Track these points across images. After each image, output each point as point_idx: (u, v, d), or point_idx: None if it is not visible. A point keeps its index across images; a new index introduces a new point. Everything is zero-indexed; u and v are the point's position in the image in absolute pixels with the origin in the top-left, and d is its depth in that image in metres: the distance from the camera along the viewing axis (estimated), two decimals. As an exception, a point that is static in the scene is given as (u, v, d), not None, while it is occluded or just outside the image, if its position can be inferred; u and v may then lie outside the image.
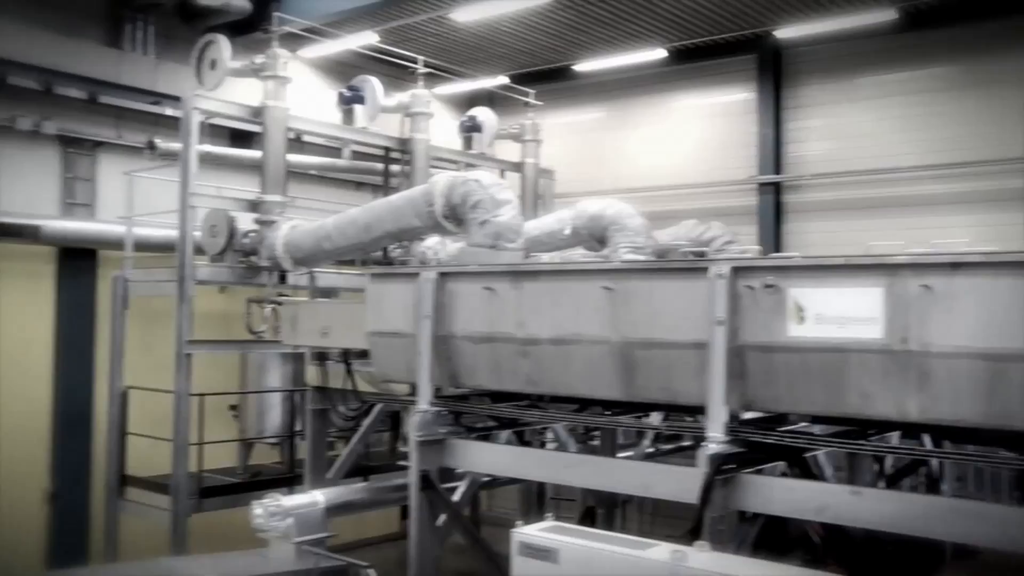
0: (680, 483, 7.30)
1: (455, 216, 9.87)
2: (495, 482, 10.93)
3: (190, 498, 11.82)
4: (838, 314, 6.41)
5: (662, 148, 18.67)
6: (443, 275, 8.87)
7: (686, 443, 13.10)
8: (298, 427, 13.36)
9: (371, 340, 9.55)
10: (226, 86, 12.87)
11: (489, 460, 8.93)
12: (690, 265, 7.40)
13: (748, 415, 7.24)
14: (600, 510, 13.20)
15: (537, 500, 15.74)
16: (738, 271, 6.87)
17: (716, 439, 6.82)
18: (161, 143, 13.56)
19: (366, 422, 11.57)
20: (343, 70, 17.19)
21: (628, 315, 7.50)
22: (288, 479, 12.93)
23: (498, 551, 8.66)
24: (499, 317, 8.43)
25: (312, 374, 11.46)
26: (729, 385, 6.84)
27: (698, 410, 7.44)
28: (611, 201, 12.53)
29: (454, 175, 10.11)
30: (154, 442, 12.54)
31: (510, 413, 8.73)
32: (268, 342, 12.67)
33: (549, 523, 7.39)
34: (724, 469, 6.77)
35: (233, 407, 13.67)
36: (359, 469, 11.39)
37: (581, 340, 7.86)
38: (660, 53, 17.46)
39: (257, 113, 12.59)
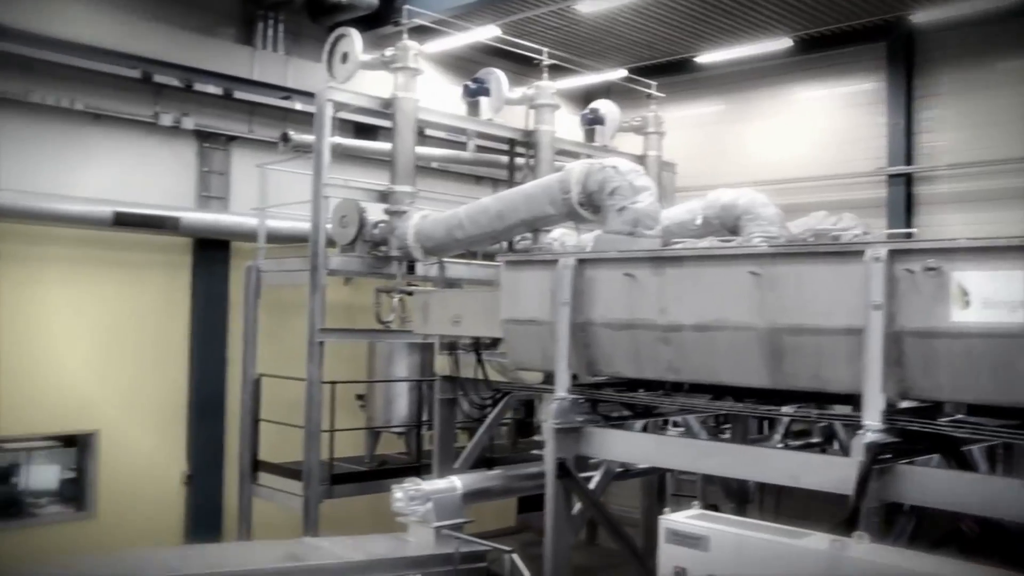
0: (831, 473, 7.11)
1: (591, 203, 9.81)
2: (626, 473, 10.81)
3: (321, 484, 12.00)
4: (1008, 298, 6.14)
5: (784, 141, 18.28)
6: (582, 262, 8.83)
7: (814, 440, 12.80)
8: (425, 417, 13.48)
9: (505, 328, 9.56)
10: (354, 81, 13.05)
11: (627, 448, 8.84)
12: (844, 249, 7.20)
13: (904, 404, 7.00)
14: (728, 506, 12.94)
15: (657, 496, 15.59)
16: (896, 254, 6.66)
17: (872, 427, 6.61)
18: (294, 135, 13.85)
19: (492, 413, 11.63)
20: (462, 65, 17.32)
21: (776, 300, 7.34)
22: (415, 469, 13.04)
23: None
24: (640, 303, 8.34)
25: (441, 363, 11.55)
26: (885, 372, 6.64)
27: (841, 399, 7.24)
28: (743, 190, 12.29)
29: (590, 162, 10.04)
30: (283, 429, 12.84)
31: (650, 400, 8.62)
32: (397, 331, 12.84)
33: (696, 511, 7.29)
34: (880, 459, 6.57)
35: (360, 397, 13.86)
36: (483, 461, 11.41)
37: (726, 326, 7.71)
38: (785, 43, 17.08)
39: (388, 105, 12.73)
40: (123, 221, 13.15)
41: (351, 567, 7.57)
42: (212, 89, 14.38)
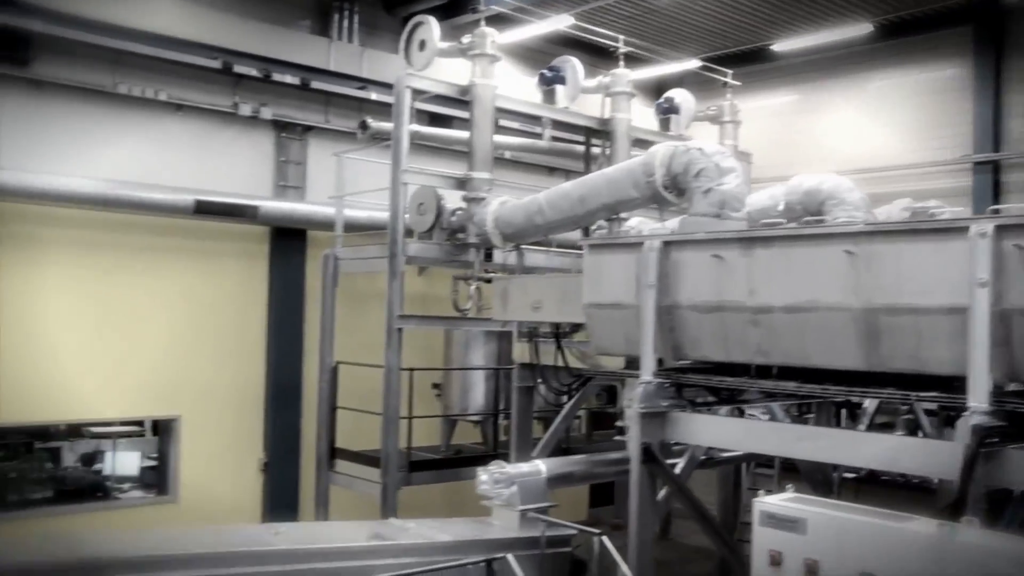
0: (933, 457, 6.91)
1: (676, 186, 9.67)
2: (709, 461, 10.63)
3: (399, 471, 12.01)
4: None
5: (862, 130, 17.91)
6: (667, 244, 8.70)
7: (899, 433, 12.49)
8: (501, 406, 13.43)
9: (588, 312, 9.45)
10: (429, 70, 13.04)
11: (716, 433, 8.68)
12: (947, 225, 6.97)
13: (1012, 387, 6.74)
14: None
15: (733, 490, 15.38)
16: (1003, 229, 6.42)
17: (979, 409, 6.38)
18: (372, 122, 13.90)
19: (568, 404, 11.53)
20: (535, 57, 17.25)
21: (873, 280, 7.13)
22: (491, 458, 12.99)
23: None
24: (728, 285, 8.19)
25: (519, 351, 11.48)
26: (992, 353, 6.40)
27: (936, 385, 6.99)
28: (827, 175, 12.02)
29: (674, 144, 9.90)
30: (358, 418, 12.92)
31: (739, 384, 8.45)
32: (474, 319, 12.81)
33: (791, 494, 7.12)
34: (987, 442, 6.33)
35: (436, 386, 13.86)
36: (560, 451, 11.32)
37: (818, 307, 7.53)
38: (865, 28, 16.72)
39: (465, 92, 12.71)
40: (204, 209, 13.32)
41: (438, 547, 7.53)
42: (290, 79, 14.49)
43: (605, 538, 7.62)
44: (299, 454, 14.59)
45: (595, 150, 15.13)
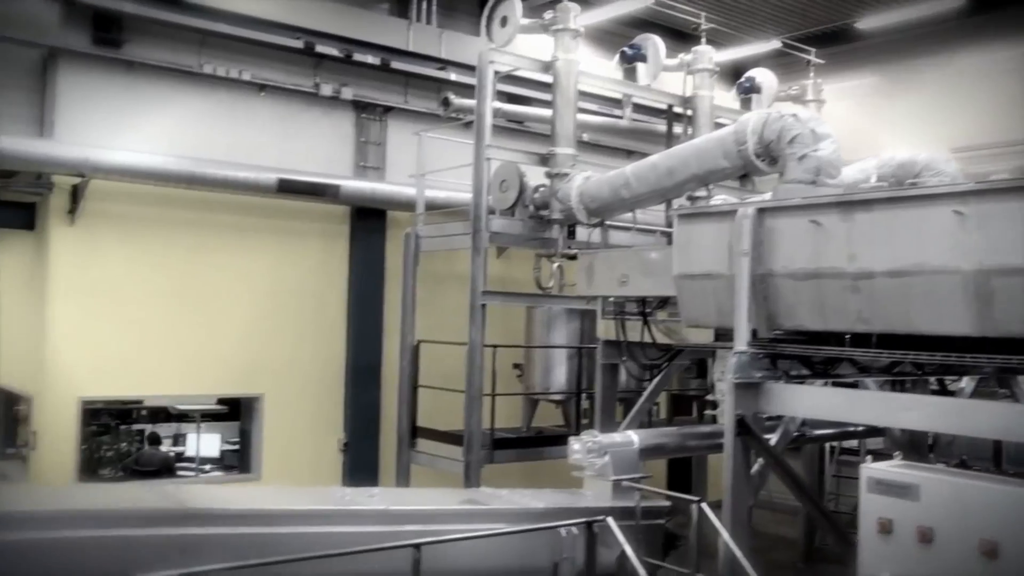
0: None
1: (768, 154, 9.46)
2: (801, 439, 10.37)
3: (482, 449, 11.94)
4: None
5: (948, 109, 17.37)
6: (761, 211, 8.49)
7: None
8: (583, 386, 13.30)
9: (679, 284, 9.29)
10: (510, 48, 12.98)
11: (815, 403, 8.42)
12: (1069, 180, 6.68)
13: None
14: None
15: (817, 477, 15.07)
16: None
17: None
18: (455, 98, 13.86)
19: (655, 380, 11.36)
20: (610, 40, 17.03)
21: (984, 240, 6.86)
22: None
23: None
24: (826, 251, 7.97)
25: (603, 328, 11.34)
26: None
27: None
28: (921, 148, 11.70)
29: (767, 111, 9.69)
30: (436, 398, 12.93)
31: (840, 352, 8.20)
32: (557, 297, 12.70)
33: (898, 461, 6.90)
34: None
35: (517, 366, 13.77)
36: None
37: (924, 271, 7.27)
38: (955, 2, 16.23)
39: (547, 68, 12.61)
40: (286, 188, 13.39)
41: (532, 513, 7.44)
42: (371, 59, 14.49)
43: (704, 505, 7.45)
44: (378, 433, 14.59)
45: (676, 130, 14.90)
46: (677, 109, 14.79)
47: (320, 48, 14.00)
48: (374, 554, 6.46)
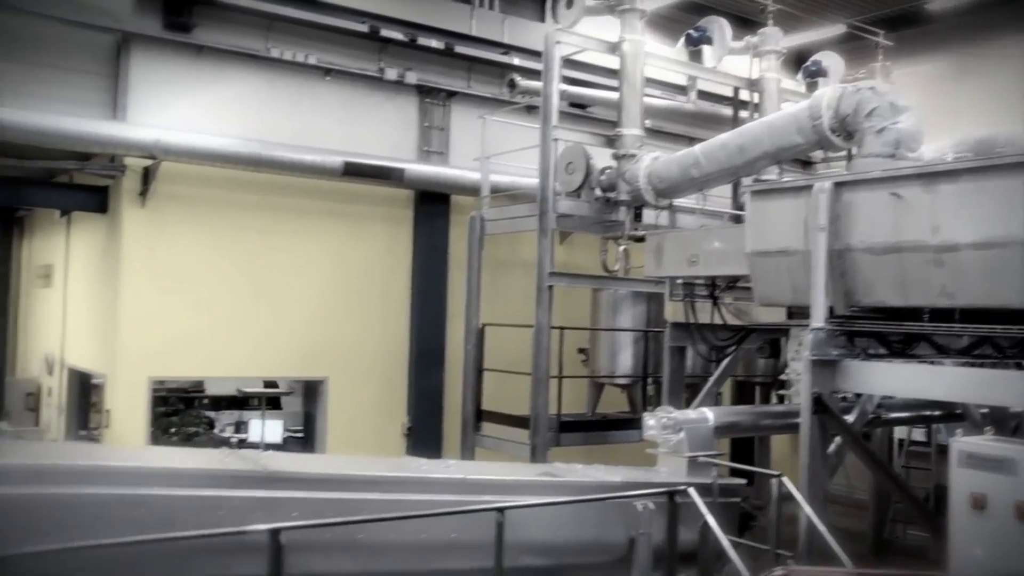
0: None
1: (844, 128, 9.30)
2: (877, 420, 10.16)
3: (549, 431, 11.88)
4: None
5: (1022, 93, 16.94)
6: (839, 185, 8.35)
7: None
8: (649, 370, 13.19)
9: (752, 261, 9.17)
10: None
11: (896, 381, 8.26)
12: None
13: None
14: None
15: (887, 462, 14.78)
16: None
17: None
18: (521, 80, 13.80)
19: (726, 361, 11.23)
20: (669, 26, 16.88)
21: (1079, 210, 6.66)
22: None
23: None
24: (907, 224, 7.81)
25: (671, 310, 11.24)
26: None
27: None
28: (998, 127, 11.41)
29: (842, 85, 9.51)
30: (499, 382, 12.92)
31: (919, 328, 8.02)
32: (624, 279, 12.62)
33: (990, 435, 6.71)
34: None
35: (582, 351, 13.69)
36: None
37: (1012, 242, 7.08)
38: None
39: (614, 48, 12.52)
40: (352, 171, 13.42)
41: (608, 486, 7.36)
42: (435, 44, 14.49)
43: (785, 479, 7.32)
44: (442, 418, 14.58)
45: (742, 115, 14.71)
46: (743, 93, 14.62)
47: (385, 32, 14.03)
48: (450, 523, 6.45)
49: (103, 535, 5.12)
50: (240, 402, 19.19)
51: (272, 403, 18.44)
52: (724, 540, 6.59)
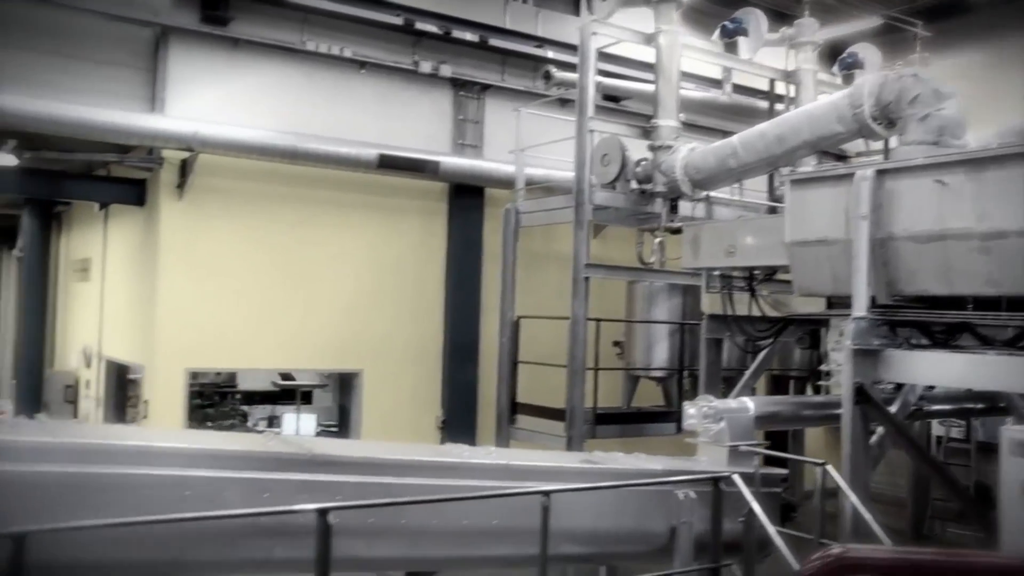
0: None
1: (886, 116, 9.17)
2: (919, 412, 10.03)
3: (585, 423, 11.84)
4: None
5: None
6: (881, 173, 8.26)
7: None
8: (685, 363, 13.13)
9: (791, 251, 9.09)
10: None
11: (940, 370, 8.12)
12: None
13: None
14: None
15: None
16: None
17: None
18: (556, 72, 13.77)
19: (764, 352, 11.14)
20: (701, 19, 16.74)
21: None
22: (678, 414, 12.76)
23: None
24: (952, 212, 7.70)
25: (708, 301, 11.17)
26: None
27: None
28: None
29: (884, 73, 9.41)
30: (533, 375, 12.90)
31: (965, 317, 7.91)
32: (660, 271, 12.57)
33: (1039, 424, 6.60)
34: None
35: (617, 343, 13.63)
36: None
37: (1062, 229, 6.97)
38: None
39: (649, 39, 12.46)
40: (387, 164, 13.46)
41: (649, 473, 7.32)
42: (469, 36, 14.49)
43: (830, 467, 7.25)
44: (475, 410, 14.58)
45: (778, 107, 14.60)
46: (779, 86, 14.53)
47: (419, 25, 14.05)
48: (492, 510, 6.44)
49: (150, 515, 5.16)
50: (273, 397, 19.32)
51: (303, 398, 18.54)
52: (770, 527, 6.53)
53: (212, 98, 12.78)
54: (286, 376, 18.71)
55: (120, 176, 13.77)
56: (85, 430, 8.58)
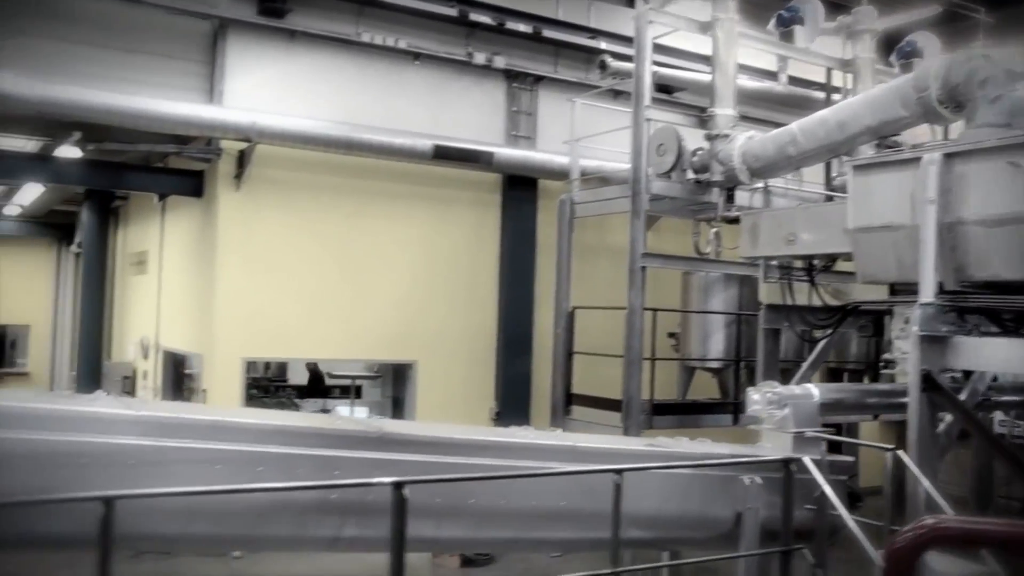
0: None
1: (953, 99, 8.96)
2: (985, 403, 9.82)
3: (641, 414, 11.77)
4: None
5: None
6: (949, 156, 8.10)
7: None
8: (742, 354, 13.01)
9: (855, 237, 8.94)
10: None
11: (1009, 357, 7.95)
12: None
13: None
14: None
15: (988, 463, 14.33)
16: None
17: None
18: (612, 61, 13.70)
19: (823, 341, 10.99)
20: (755, 11, 16.57)
21: None
22: (734, 406, 12.68)
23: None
24: (1027, 194, 7.54)
25: (765, 291, 11.04)
26: None
27: None
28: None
29: (952, 55, 9.24)
30: (586, 367, 12.84)
31: (1038, 303, 7.75)
32: (717, 261, 12.48)
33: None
34: None
35: (672, 335, 13.55)
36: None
37: None
38: None
39: (705, 28, 12.36)
40: (442, 155, 13.49)
41: (715, 456, 7.26)
42: (523, 28, 14.49)
43: (901, 452, 7.13)
44: (529, 402, 14.56)
45: (835, 97, 14.41)
46: (835, 76, 14.35)
47: (473, 16, 14.08)
48: (559, 492, 6.43)
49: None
50: (323, 391, 19.49)
51: (350, 393, 18.69)
52: (843, 511, 6.44)
53: (269, 89, 12.91)
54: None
55: (177, 168, 13.95)
56: (161, 405, 8.69)
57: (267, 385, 16.62)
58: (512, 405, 14.54)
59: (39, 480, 4.84)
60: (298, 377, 19.96)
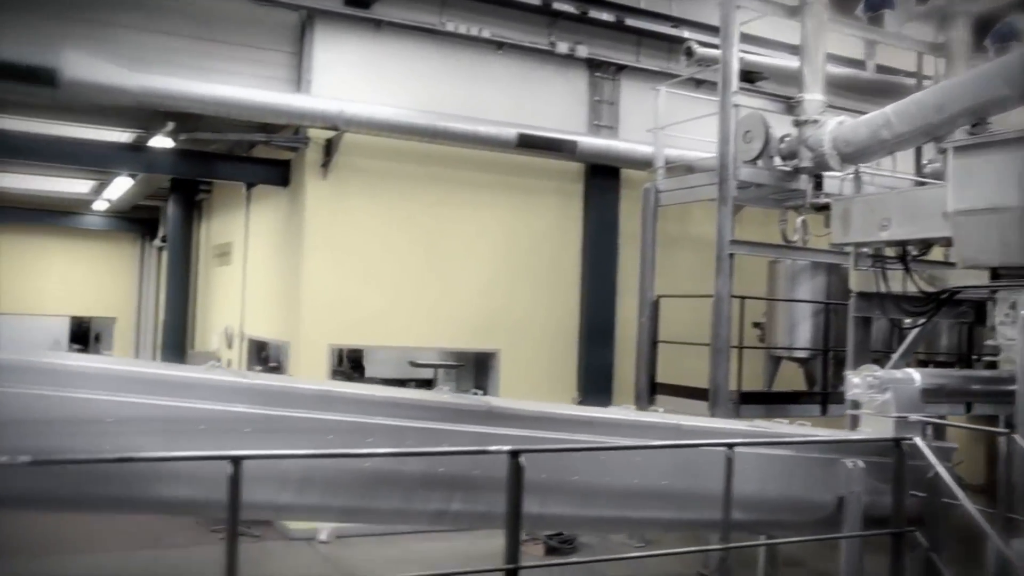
0: None
1: (1061, 77, 8.76)
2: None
3: (728, 401, 11.64)
4: None
5: None
6: (1058, 135, 7.88)
7: None
8: (830, 344, 12.80)
9: (955, 221, 8.72)
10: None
11: None
12: None
13: None
14: None
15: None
16: None
17: None
18: (697, 47, 13.58)
19: (918, 327, 10.76)
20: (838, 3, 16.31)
21: None
22: (823, 396, 12.50)
23: None
24: None
25: (855, 280, 10.83)
26: None
27: None
28: None
29: (1059, 31, 8.97)
30: (669, 356, 12.78)
31: None
32: (806, 249, 12.31)
33: None
34: None
35: (758, 325, 13.38)
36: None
37: None
38: None
39: (794, 12, 12.19)
40: (526, 143, 13.50)
41: (818, 442, 7.15)
42: (605, 17, 14.44)
43: (1017, 436, 6.94)
44: (611, 391, 14.49)
45: (925, 83, 14.11)
46: (927, 62, 14.05)
47: (556, 6, 14.06)
48: (662, 471, 6.39)
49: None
50: (399, 382, 19.58)
51: (426, 384, 18.74)
52: (958, 491, 6.29)
53: (355, 79, 13.03)
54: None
55: (264, 157, 14.17)
56: (273, 376, 8.83)
57: (349, 374, 16.76)
58: (594, 394, 14.46)
59: (155, 445, 4.94)
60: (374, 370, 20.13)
